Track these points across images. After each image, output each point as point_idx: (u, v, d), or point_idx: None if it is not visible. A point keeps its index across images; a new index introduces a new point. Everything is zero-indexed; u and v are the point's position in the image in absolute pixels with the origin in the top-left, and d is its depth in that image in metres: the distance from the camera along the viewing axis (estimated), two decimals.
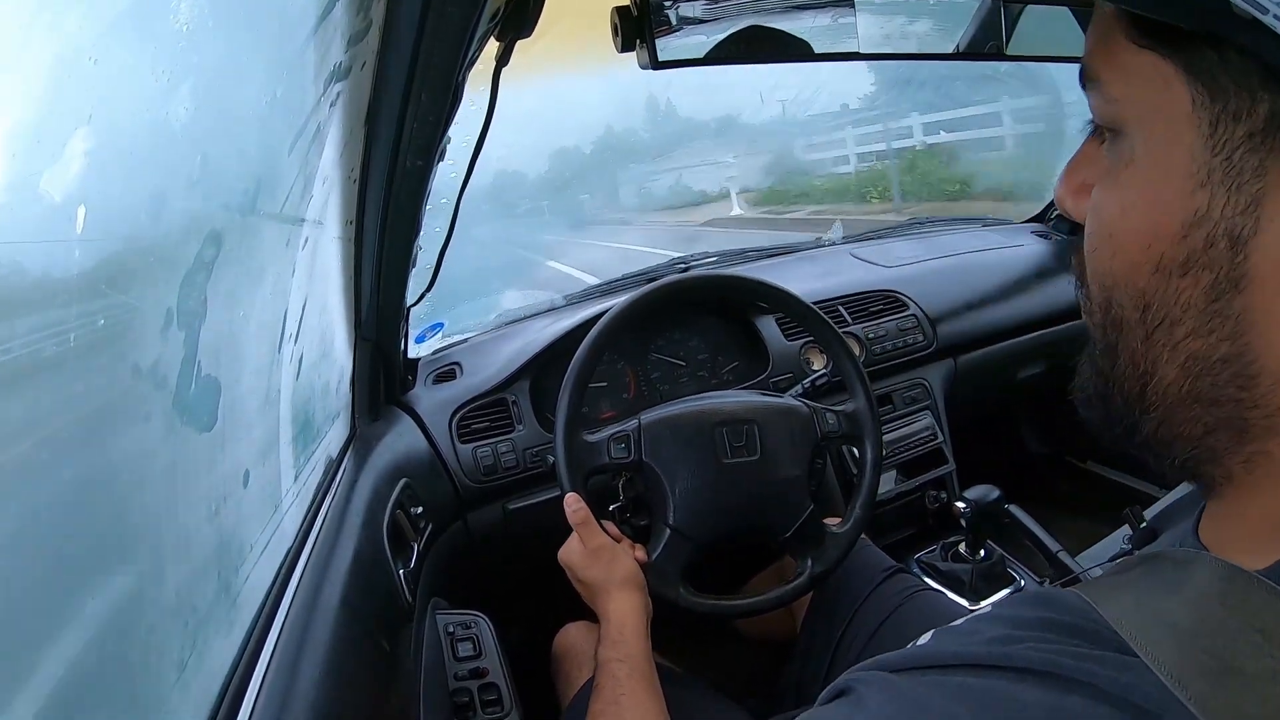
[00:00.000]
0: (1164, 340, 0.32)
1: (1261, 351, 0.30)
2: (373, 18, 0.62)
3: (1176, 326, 0.31)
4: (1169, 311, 0.31)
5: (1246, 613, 0.28)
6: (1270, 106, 0.27)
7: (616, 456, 0.97)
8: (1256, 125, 0.28)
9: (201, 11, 0.47)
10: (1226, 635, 0.28)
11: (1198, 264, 0.30)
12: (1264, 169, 0.28)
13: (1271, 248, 0.28)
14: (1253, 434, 0.31)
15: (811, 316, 1.10)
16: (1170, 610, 0.30)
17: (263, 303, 0.69)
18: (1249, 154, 0.28)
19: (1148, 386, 0.33)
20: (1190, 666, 0.28)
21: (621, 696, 0.77)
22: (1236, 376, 0.30)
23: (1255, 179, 0.28)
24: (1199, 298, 0.30)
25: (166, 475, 0.52)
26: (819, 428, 1.02)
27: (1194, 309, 0.31)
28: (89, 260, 0.41)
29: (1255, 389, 0.30)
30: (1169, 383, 0.32)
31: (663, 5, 0.66)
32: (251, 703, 0.56)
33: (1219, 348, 0.30)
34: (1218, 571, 0.31)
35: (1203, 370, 0.31)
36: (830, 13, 0.72)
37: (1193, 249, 0.30)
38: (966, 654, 0.33)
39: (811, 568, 0.99)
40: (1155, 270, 0.31)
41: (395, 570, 0.86)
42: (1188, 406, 0.32)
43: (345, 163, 0.78)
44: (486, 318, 1.53)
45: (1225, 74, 0.28)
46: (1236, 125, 0.28)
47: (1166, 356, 0.32)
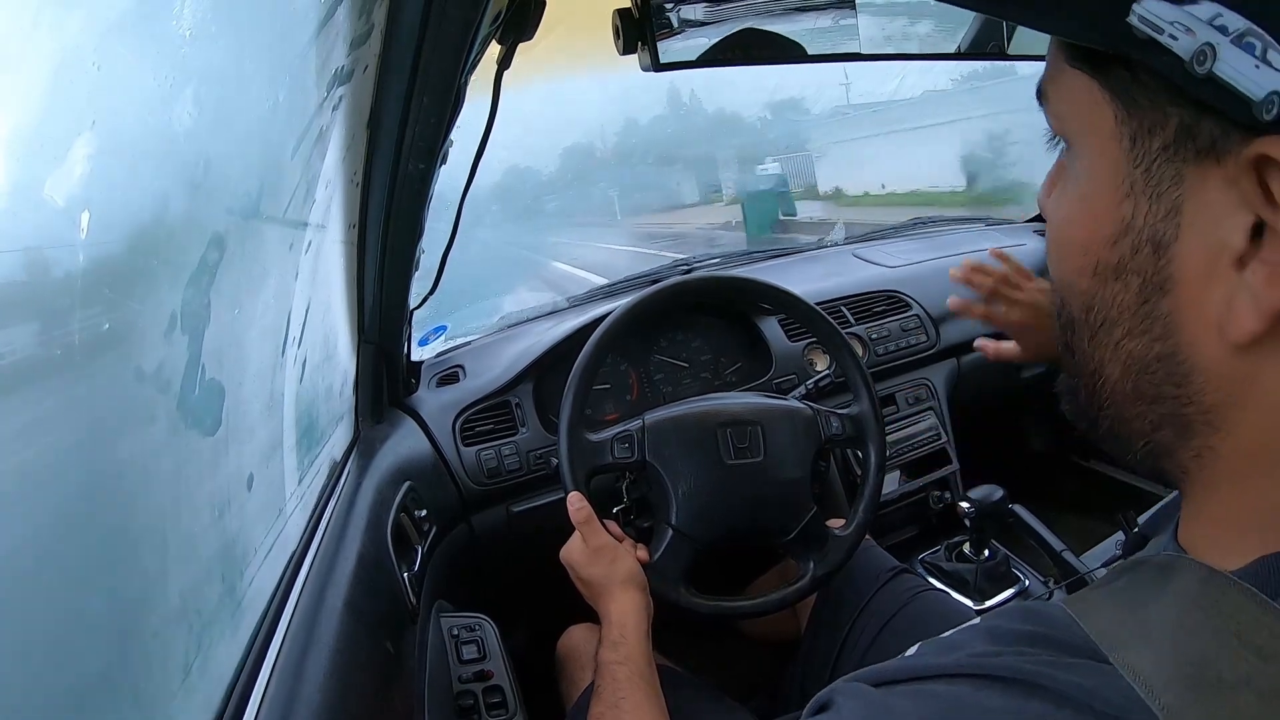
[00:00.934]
0: (1105, 340, 0.34)
1: (1190, 351, 0.31)
2: (375, 21, 0.62)
3: (1115, 328, 0.33)
4: (1107, 314, 0.33)
5: (1222, 616, 0.29)
6: (1179, 119, 0.29)
7: (620, 456, 0.97)
8: (1169, 137, 0.29)
9: (204, 16, 0.47)
10: (1203, 640, 0.29)
11: (1128, 269, 0.32)
12: (1180, 177, 0.29)
13: (1191, 252, 0.30)
14: (1194, 430, 0.32)
15: (814, 317, 1.10)
16: (1148, 617, 0.31)
17: (266, 306, 0.69)
18: (1165, 164, 0.30)
19: (1097, 385, 0.35)
20: (1165, 674, 0.28)
21: (621, 700, 0.77)
22: (1171, 375, 0.32)
23: (1173, 187, 0.30)
24: (1131, 300, 0.32)
25: (171, 479, 0.52)
26: (823, 430, 1.02)
27: (1128, 311, 0.32)
28: (92, 264, 0.41)
29: (1189, 386, 0.31)
30: (1114, 381, 0.34)
31: (664, 8, 0.66)
32: (256, 706, 0.56)
33: (1153, 347, 0.32)
34: (1195, 575, 0.31)
35: (1141, 369, 0.33)
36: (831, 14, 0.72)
37: (1122, 255, 0.32)
38: (940, 665, 0.34)
39: (814, 570, 0.98)
40: (1093, 275, 0.33)
41: (399, 573, 0.86)
42: (1133, 404, 0.34)
43: (348, 166, 0.78)
44: (489, 320, 1.53)
45: (1139, 91, 0.30)
46: (1152, 138, 0.30)
47: (1109, 356, 0.34)
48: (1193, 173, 0.29)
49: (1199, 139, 0.28)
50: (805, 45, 0.73)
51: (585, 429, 0.98)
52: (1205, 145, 0.28)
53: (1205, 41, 0.27)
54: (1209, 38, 0.27)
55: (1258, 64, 0.26)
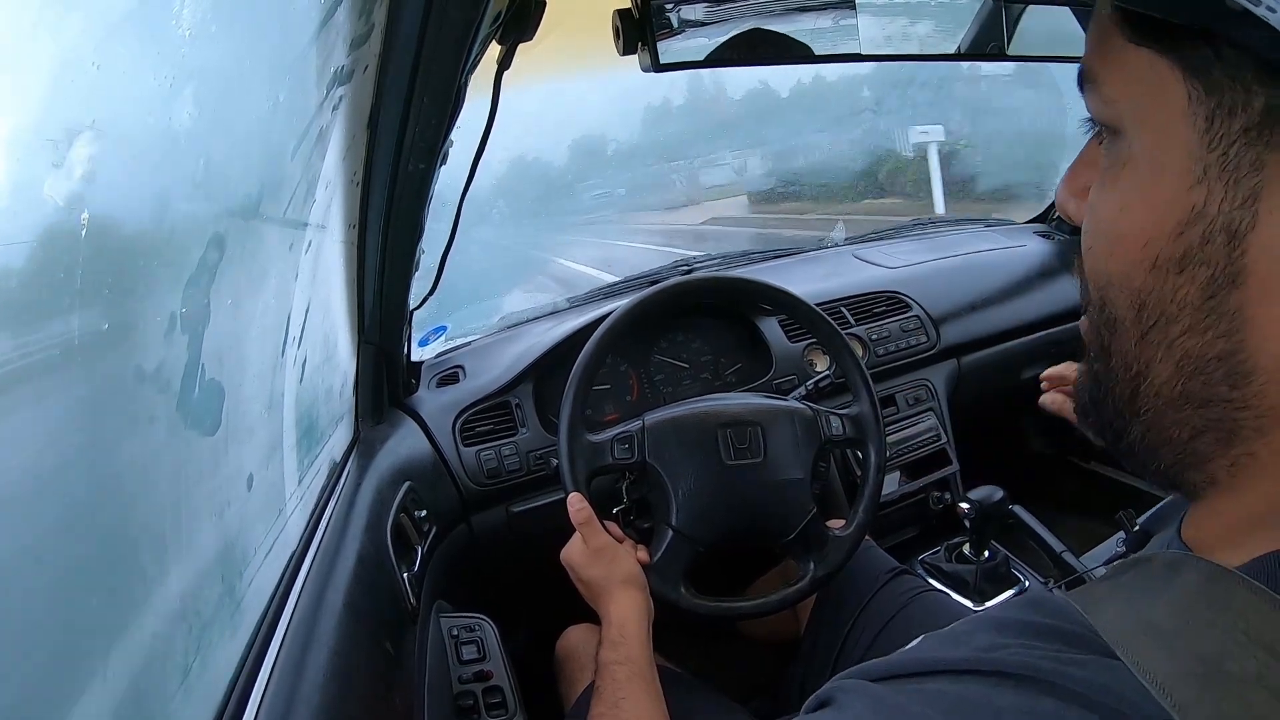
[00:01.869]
0: (1159, 339, 0.32)
1: (1255, 349, 0.29)
2: (375, 21, 0.62)
3: (1172, 325, 0.31)
4: (1165, 309, 0.31)
5: (1231, 613, 0.28)
6: (1266, 100, 0.27)
7: (620, 457, 0.97)
8: (1252, 119, 0.27)
9: (204, 15, 0.47)
10: (1212, 637, 0.28)
11: (1195, 260, 0.30)
12: (1261, 163, 0.27)
13: (1269, 242, 0.28)
14: (1241, 436, 0.31)
15: (815, 318, 1.10)
16: (1156, 613, 0.30)
17: (266, 306, 0.69)
18: (1245, 148, 0.28)
19: (1140, 388, 0.33)
20: (1175, 670, 0.28)
21: (621, 700, 0.77)
22: (1230, 375, 0.30)
23: (1252, 173, 0.28)
24: (1195, 295, 0.30)
25: (170, 479, 0.52)
26: (823, 431, 1.02)
27: (1190, 306, 0.30)
28: (92, 264, 0.41)
29: (1247, 388, 0.30)
30: (1162, 382, 0.32)
31: (664, 8, 0.66)
32: (256, 706, 0.56)
33: (1214, 345, 0.30)
34: (1202, 572, 0.31)
35: (1196, 369, 0.31)
36: (831, 15, 0.72)
37: (1189, 245, 0.30)
38: (946, 660, 0.34)
39: (814, 570, 0.98)
40: (1152, 268, 0.31)
41: (399, 573, 0.86)
42: (1178, 408, 0.32)
43: (348, 166, 0.78)
44: (489, 321, 1.53)
45: (1220, 69, 0.28)
46: (1232, 120, 0.28)
47: (1161, 355, 0.32)
48: (1275, 158, 0.27)
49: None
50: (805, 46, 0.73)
51: (585, 430, 0.98)
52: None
53: None
54: None
55: None
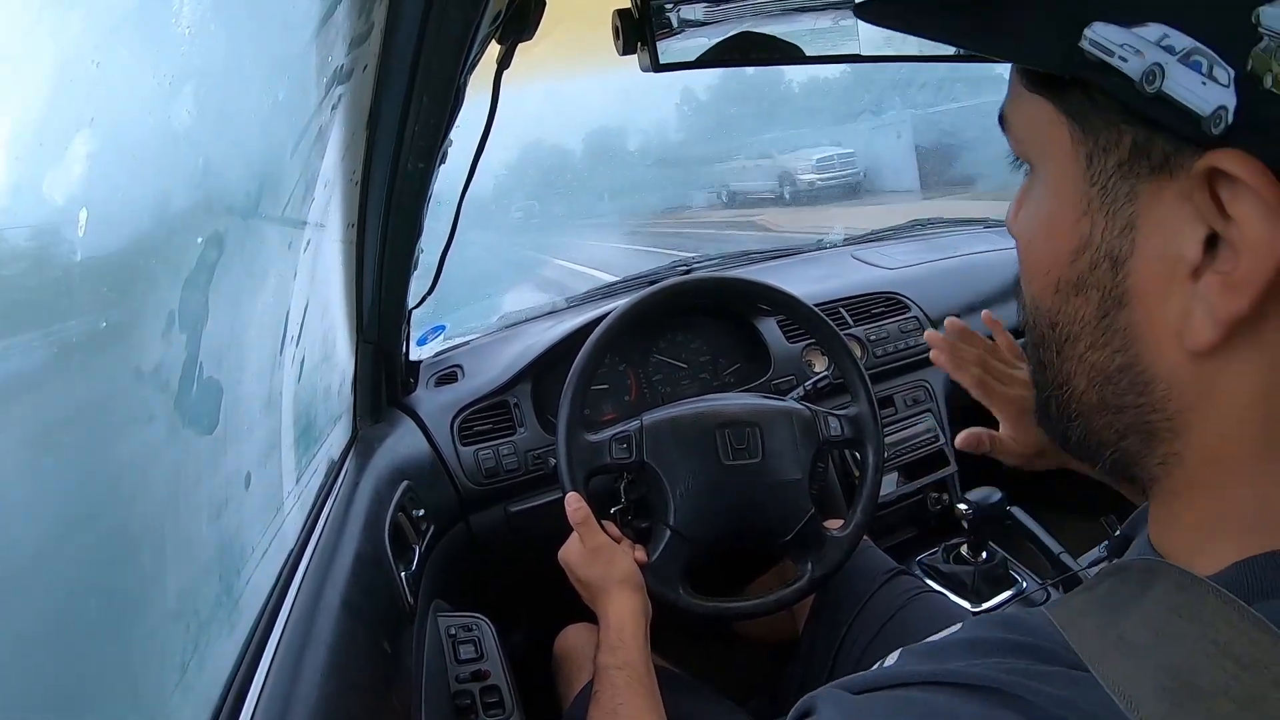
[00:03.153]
0: (1070, 354, 0.35)
1: (1150, 361, 0.32)
2: (374, 20, 0.62)
3: (1078, 342, 0.34)
4: (1070, 328, 0.34)
5: (1201, 624, 0.29)
6: (1133, 138, 0.30)
7: (618, 457, 0.97)
8: (1124, 155, 0.30)
9: (203, 14, 0.47)
10: (1182, 650, 0.29)
11: (1088, 284, 0.33)
12: (1135, 193, 0.30)
13: (1147, 266, 0.31)
14: (1160, 437, 0.33)
15: (813, 319, 1.10)
16: (1128, 627, 0.31)
17: (265, 305, 0.69)
18: (1120, 181, 0.31)
19: (1066, 396, 0.36)
20: (1144, 684, 0.28)
21: (620, 706, 0.76)
22: (1134, 384, 0.32)
23: (1128, 204, 0.30)
24: (1091, 314, 0.33)
25: (168, 478, 0.52)
26: (821, 431, 1.02)
27: (1089, 325, 0.33)
28: (91, 262, 0.41)
29: (1151, 394, 0.32)
30: (1080, 392, 0.35)
31: (664, 8, 0.66)
32: (253, 705, 0.56)
33: (1114, 359, 0.33)
34: (1175, 581, 0.31)
35: (1104, 380, 0.34)
36: (830, 15, 0.72)
37: (1081, 271, 0.33)
38: (918, 672, 0.35)
39: (812, 571, 0.98)
40: (1056, 291, 0.34)
41: (397, 572, 0.86)
42: (1100, 414, 0.35)
43: (347, 165, 0.78)
44: (488, 320, 1.53)
45: (1094, 111, 0.31)
46: (1107, 156, 0.31)
47: (1075, 369, 0.35)
48: (1147, 189, 0.30)
49: (1152, 155, 0.29)
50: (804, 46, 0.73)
51: (583, 429, 0.98)
52: (1158, 161, 0.29)
53: (1154, 61, 0.28)
54: (1157, 58, 0.27)
55: (1204, 80, 0.27)
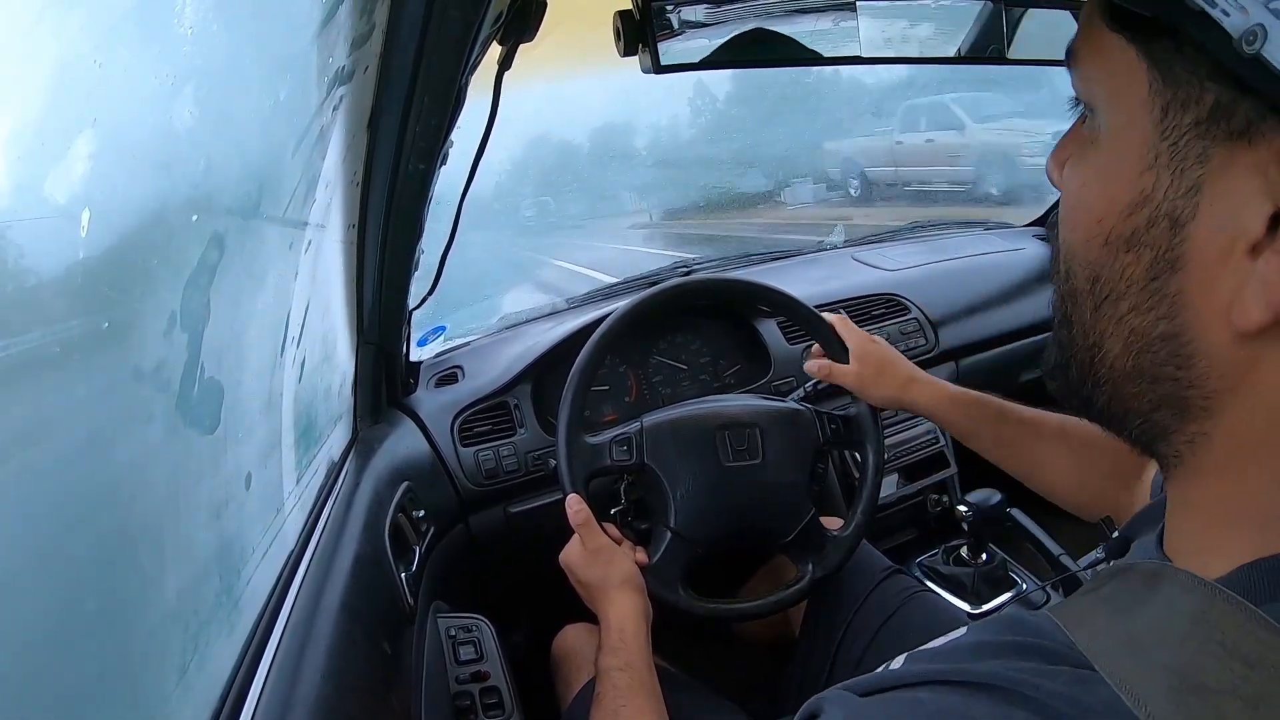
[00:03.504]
0: (1110, 314, 0.33)
1: (1196, 334, 0.30)
2: (376, 21, 0.62)
3: (1120, 301, 0.33)
4: (1114, 286, 0.33)
5: (1209, 625, 0.29)
6: (1216, 97, 0.28)
7: (618, 459, 0.97)
8: (1202, 114, 0.28)
9: (205, 15, 0.47)
10: (1189, 650, 0.29)
11: (1141, 242, 0.31)
12: (1206, 156, 0.29)
13: (1207, 233, 0.29)
14: (1193, 414, 0.32)
15: (813, 320, 1.10)
16: (1135, 627, 0.31)
17: (265, 306, 0.69)
18: (1194, 140, 0.29)
19: (1095, 359, 0.35)
20: (1152, 683, 0.28)
21: (622, 708, 0.76)
22: (1174, 355, 0.31)
23: (1197, 165, 0.29)
24: (1140, 274, 0.31)
25: (169, 478, 0.52)
26: (821, 432, 1.02)
27: (1136, 285, 0.32)
28: (92, 262, 0.41)
29: (1191, 369, 0.31)
30: (1114, 357, 0.34)
31: (665, 9, 0.66)
32: (253, 706, 0.56)
33: (1157, 325, 0.31)
34: (1181, 584, 0.31)
35: (1143, 347, 0.32)
36: (832, 16, 0.72)
37: (1137, 226, 0.31)
38: (927, 673, 0.34)
39: (812, 571, 0.98)
40: (1105, 244, 0.33)
41: (397, 573, 0.86)
42: (1133, 382, 0.33)
43: (348, 166, 0.78)
44: (488, 321, 1.53)
45: (1179, 63, 0.29)
46: (1184, 112, 0.29)
47: (1112, 330, 0.33)
48: (1220, 153, 0.28)
49: (1233, 120, 0.28)
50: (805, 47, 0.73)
51: (584, 431, 0.98)
52: (1239, 127, 0.28)
53: (1258, 22, 0.26)
54: (1262, 19, 0.26)
55: None
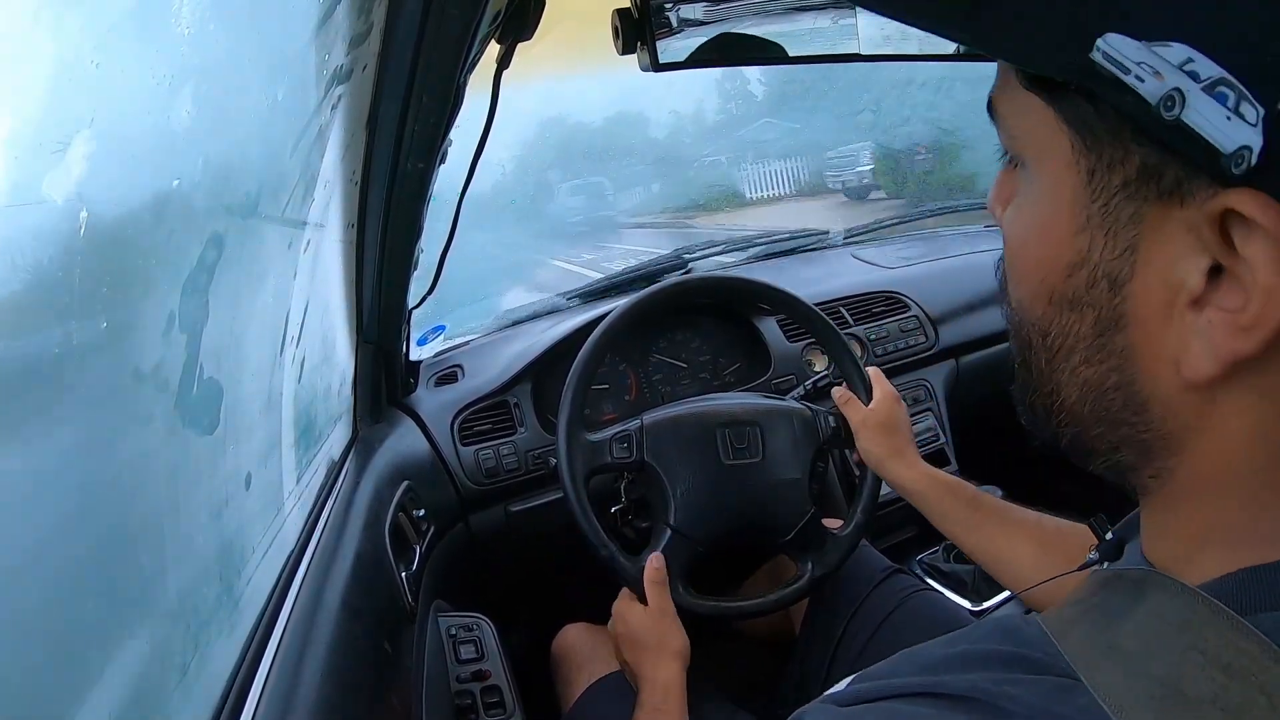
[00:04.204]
0: (1063, 365, 0.33)
1: (1147, 384, 0.30)
2: (374, 20, 0.62)
3: (1072, 354, 0.33)
4: (1064, 341, 0.33)
5: (1191, 633, 0.29)
6: (1142, 159, 0.28)
7: (618, 456, 0.97)
8: (1130, 175, 0.28)
9: (203, 14, 0.47)
10: (1171, 659, 0.28)
11: (1083, 302, 0.31)
12: (1139, 216, 0.28)
13: (1147, 292, 0.29)
14: (1154, 453, 0.32)
15: (813, 318, 1.10)
16: (1120, 636, 0.31)
17: (264, 305, 0.69)
18: (1125, 202, 0.29)
19: (1054, 404, 0.35)
20: (1132, 692, 0.28)
21: None
22: (1129, 403, 0.31)
23: (1131, 225, 0.29)
24: (1087, 331, 0.32)
25: (168, 478, 0.52)
26: (821, 431, 1.02)
27: (1084, 340, 0.32)
28: (91, 262, 0.41)
29: (1147, 415, 0.31)
30: (1072, 403, 0.34)
31: (663, 7, 0.66)
32: (254, 705, 0.56)
33: (1109, 377, 0.31)
34: (1167, 590, 0.31)
35: (1097, 396, 0.32)
36: (830, 14, 0.72)
37: (1077, 287, 0.31)
38: (908, 684, 0.34)
39: (812, 570, 0.98)
40: (1050, 303, 0.33)
41: (397, 573, 0.86)
42: (1093, 425, 0.33)
43: (347, 165, 0.78)
44: (488, 320, 1.53)
45: (1100, 125, 0.28)
46: (1112, 174, 0.29)
47: (1066, 379, 0.33)
48: (1153, 213, 0.28)
49: (1163, 181, 0.27)
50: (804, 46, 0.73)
51: (584, 429, 0.98)
52: (1169, 187, 0.27)
53: (1174, 86, 0.25)
54: (1178, 83, 0.25)
55: (1229, 115, 0.24)
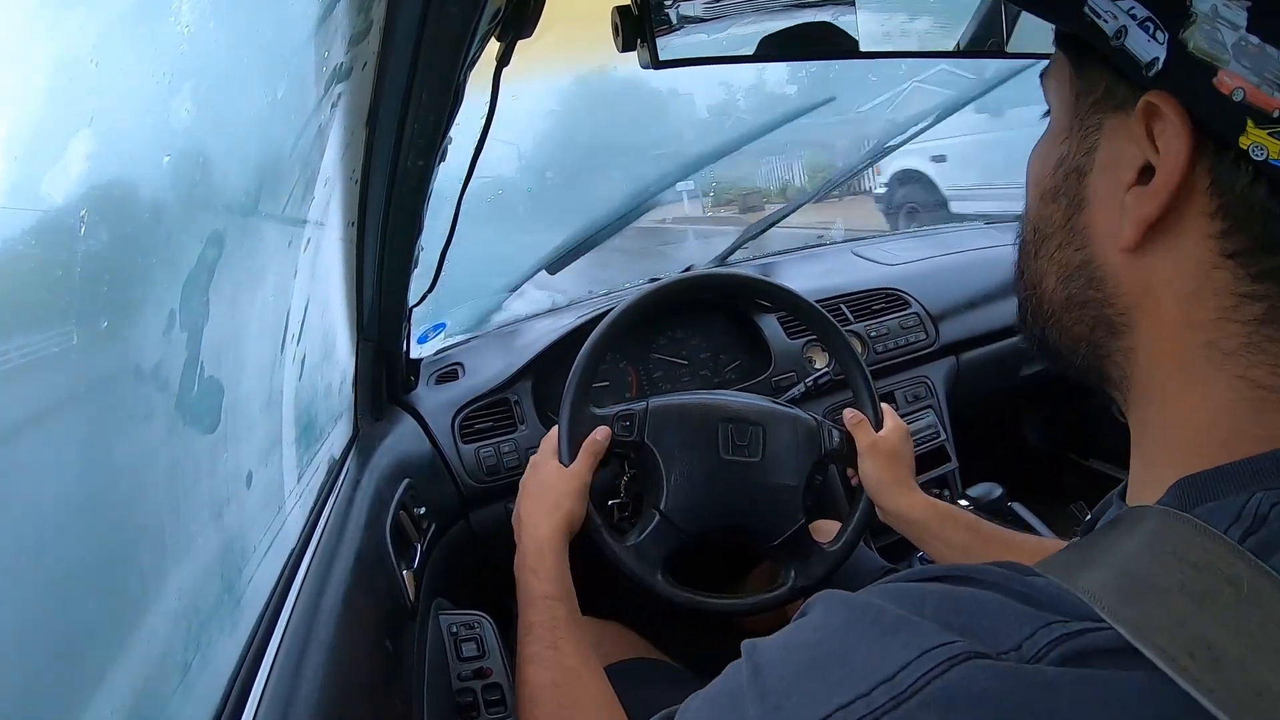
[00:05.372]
0: (1045, 253, 0.42)
1: (1100, 258, 0.39)
2: (373, 18, 0.62)
3: (1049, 241, 0.42)
4: (1046, 230, 0.42)
5: (1160, 540, 0.33)
6: (1106, 82, 0.38)
7: (619, 434, 0.97)
8: (1098, 95, 0.39)
9: (202, 13, 0.47)
10: (1140, 558, 0.33)
11: (1061, 193, 0.41)
12: (1100, 125, 0.39)
13: (1099, 181, 0.39)
14: (1118, 330, 0.39)
15: (814, 315, 1.10)
16: (1097, 555, 0.35)
17: (265, 304, 0.69)
18: (1092, 113, 0.39)
19: (1039, 296, 0.43)
20: (1103, 583, 0.32)
21: (561, 641, 0.78)
22: (1091, 280, 0.39)
23: (1094, 131, 0.39)
24: (1060, 217, 0.41)
25: (169, 477, 0.52)
26: (824, 443, 1.01)
27: (1059, 227, 0.41)
28: (91, 262, 0.41)
29: (1104, 289, 0.39)
30: (1051, 290, 0.42)
31: (663, 4, 0.66)
32: (255, 704, 0.56)
33: (1075, 257, 0.40)
34: (1138, 514, 0.36)
35: (1069, 276, 0.41)
36: (831, 11, 0.72)
37: (1058, 181, 0.41)
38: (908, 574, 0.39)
39: (794, 580, 0.98)
40: (1040, 198, 0.42)
41: (398, 570, 0.86)
42: (1068, 310, 0.41)
43: (347, 163, 0.78)
44: (489, 318, 1.53)
45: (1087, 62, 0.39)
46: (1088, 95, 0.39)
47: (1047, 269, 0.42)
48: (1110, 122, 0.38)
49: (1116, 96, 0.38)
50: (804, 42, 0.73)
51: (589, 404, 0.99)
52: (1119, 101, 0.37)
53: (1122, 24, 0.36)
54: (1124, 21, 0.36)
55: (1149, 39, 0.35)
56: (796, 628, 0.40)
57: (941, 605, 0.34)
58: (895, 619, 0.34)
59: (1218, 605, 0.29)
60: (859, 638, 0.35)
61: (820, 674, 0.35)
